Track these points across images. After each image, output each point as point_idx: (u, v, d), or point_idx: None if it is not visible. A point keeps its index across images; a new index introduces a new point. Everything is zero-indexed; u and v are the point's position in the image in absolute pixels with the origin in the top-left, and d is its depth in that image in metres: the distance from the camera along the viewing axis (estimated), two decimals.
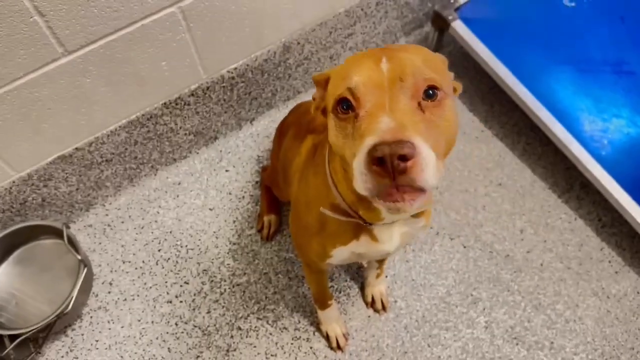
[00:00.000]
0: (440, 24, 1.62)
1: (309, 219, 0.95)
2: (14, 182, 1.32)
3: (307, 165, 0.99)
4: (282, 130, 1.32)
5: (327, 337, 1.34)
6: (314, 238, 0.95)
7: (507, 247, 1.46)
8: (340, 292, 1.40)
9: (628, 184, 1.40)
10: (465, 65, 1.74)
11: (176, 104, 1.42)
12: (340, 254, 0.95)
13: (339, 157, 0.71)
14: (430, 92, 0.64)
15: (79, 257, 1.32)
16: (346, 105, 0.65)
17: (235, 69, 1.44)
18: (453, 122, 0.66)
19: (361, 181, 0.59)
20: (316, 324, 1.37)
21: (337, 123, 0.67)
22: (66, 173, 1.39)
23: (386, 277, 1.42)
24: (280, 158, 1.25)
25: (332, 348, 1.33)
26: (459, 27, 1.58)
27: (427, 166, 0.57)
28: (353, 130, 0.64)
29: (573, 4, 1.63)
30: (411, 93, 0.63)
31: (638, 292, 1.41)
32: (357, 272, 1.43)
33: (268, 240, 1.47)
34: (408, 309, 1.38)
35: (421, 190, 0.58)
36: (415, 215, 0.90)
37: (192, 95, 1.43)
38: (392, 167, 0.56)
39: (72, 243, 1.35)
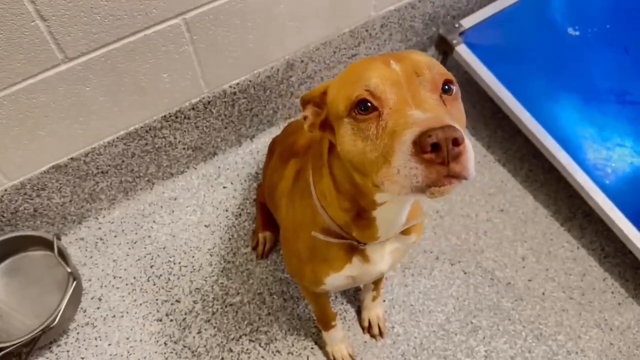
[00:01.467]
0: (445, 48, 1.62)
1: (298, 246, 0.93)
2: (5, 190, 1.29)
3: (293, 190, 0.98)
4: (271, 148, 1.32)
5: (333, 359, 1.29)
6: (306, 265, 0.93)
7: (508, 274, 1.43)
8: (338, 319, 1.36)
9: (632, 214, 1.37)
10: (468, 90, 1.74)
11: (176, 117, 1.40)
12: (334, 281, 0.93)
13: (352, 166, 0.67)
14: (447, 87, 0.63)
15: (69, 270, 1.28)
16: (365, 107, 0.62)
17: (238, 84, 1.43)
18: (464, 114, 0.66)
19: (407, 175, 0.55)
20: (310, 348, 1.32)
21: (355, 126, 0.63)
22: (60, 183, 1.36)
23: (384, 301, 1.38)
24: (267, 177, 1.23)
25: None
26: (463, 51, 1.58)
27: (471, 153, 0.56)
28: (378, 130, 0.61)
29: (577, 33, 1.63)
30: (431, 87, 0.61)
31: None
32: (354, 296, 1.39)
33: (263, 258, 1.44)
34: (406, 336, 1.33)
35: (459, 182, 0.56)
36: (406, 232, 0.90)
37: (193, 109, 1.41)
38: (447, 152, 0.53)
39: (63, 255, 1.32)
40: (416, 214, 0.88)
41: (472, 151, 0.56)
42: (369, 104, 0.61)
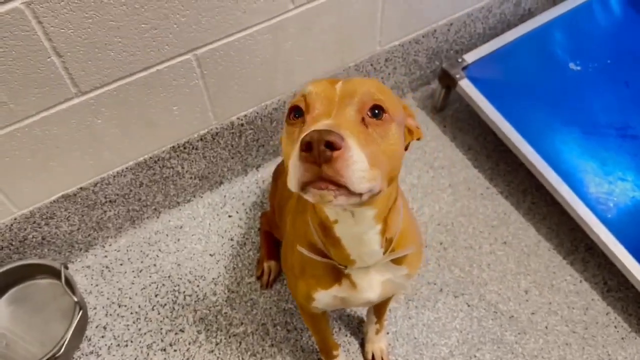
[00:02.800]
0: (448, 81, 1.65)
1: (293, 260, 0.95)
2: (15, 219, 1.31)
3: (296, 208, 1.00)
4: (276, 174, 1.34)
5: None
6: (298, 280, 0.95)
7: (511, 307, 1.43)
8: (340, 348, 1.36)
9: (634, 248, 1.38)
10: (470, 123, 1.76)
11: (184, 148, 1.43)
12: (323, 298, 0.93)
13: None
14: (376, 111, 0.65)
15: (75, 299, 1.29)
16: (297, 114, 0.67)
17: (245, 116, 1.46)
18: (396, 145, 0.67)
19: (293, 173, 0.60)
20: None
21: (287, 130, 0.69)
22: (69, 212, 1.38)
23: (387, 333, 1.38)
24: (277, 197, 1.25)
25: None
26: (466, 85, 1.61)
27: (355, 164, 0.57)
28: (300, 135, 0.64)
29: (579, 68, 1.66)
30: (357, 107, 0.64)
31: None
32: (357, 328, 1.40)
33: (267, 288, 1.45)
34: None
35: (347, 189, 0.58)
36: (396, 262, 0.89)
37: (201, 140, 1.44)
38: (318, 152, 0.56)
39: (69, 284, 1.33)
40: (405, 243, 0.88)
41: (359, 162, 0.57)
42: (301, 111, 0.66)
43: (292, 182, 0.60)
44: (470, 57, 1.65)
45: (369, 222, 0.76)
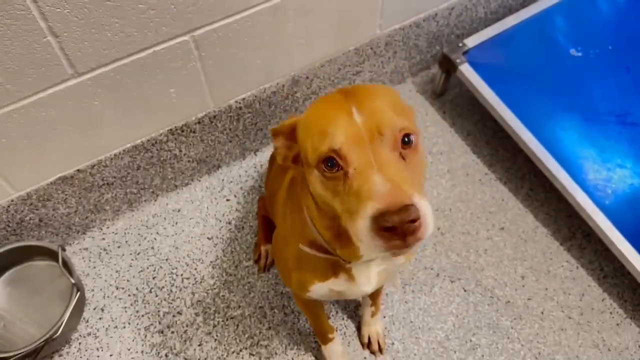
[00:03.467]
0: (448, 66, 1.64)
1: (287, 254, 0.96)
2: (12, 200, 1.31)
3: (287, 199, 1.00)
4: (272, 159, 1.34)
5: None
6: (292, 273, 0.95)
7: (508, 293, 1.44)
8: (336, 331, 1.37)
9: (631, 235, 1.38)
10: (470, 109, 1.75)
11: (182, 131, 1.42)
12: (319, 290, 0.94)
13: (324, 206, 0.72)
14: (406, 139, 0.66)
15: (73, 281, 1.29)
16: (331, 164, 0.66)
17: (244, 99, 1.45)
18: (424, 157, 0.71)
19: (368, 242, 0.61)
20: None
21: (324, 180, 0.68)
22: (66, 194, 1.37)
23: (384, 317, 1.39)
24: (268, 187, 1.27)
25: None
26: (466, 70, 1.59)
27: (428, 218, 0.61)
28: (345, 188, 0.65)
29: (580, 54, 1.65)
30: (391, 145, 0.65)
31: (639, 346, 1.38)
32: (354, 311, 1.40)
33: (265, 271, 1.45)
34: (405, 352, 1.34)
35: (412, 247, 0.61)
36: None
37: (199, 123, 1.43)
38: (402, 231, 0.59)
39: (67, 266, 1.33)
40: None
41: (430, 215, 0.61)
42: (335, 161, 0.66)
43: (365, 249, 0.63)
44: (471, 42, 1.63)
45: None
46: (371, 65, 1.64)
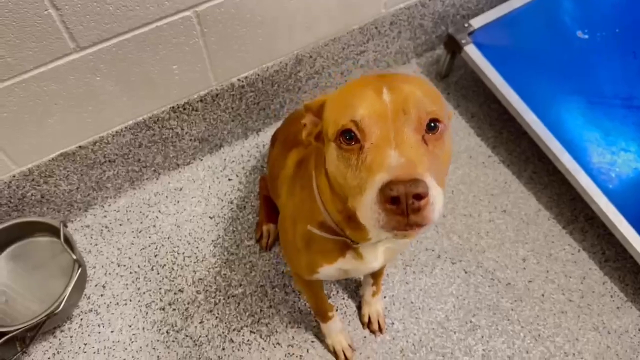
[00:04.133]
0: (453, 47, 1.62)
1: (295, 236, 0.95)
2: (14, 176, 1.30)
3: (294, 180, 1.00)
4: (274, 138, 1.34)
5: (333, 352, 1.31)
6: (300, 254, 0.95)
7: (508, 275, 1.44)
8: (336, 310, 1.37)
9: (634, 219, 1.38)
10: (475, 90, 1.74)
11: (184, 109, 1.41)
12: (327, 271, 0.95)
13: (336, 185, 0.71)
14: (432, 125, 0.65)
15: (74, 257, 1.29)
16: (349, 136, 0.65)
17: (246, 77, 1.44)
18: (450, 153, 0.68)
19: (371, 216, 0.60)
20: (310, 341, 1.34)
21: (339, 153, 0.67)
22: (68, 171, 1.37)
23: (384, 297, 1.39)
24: (270, 166, 1.26)
25: None
26: (471, 51, 1.58)
27: (437, 204, 0.59)
28: (358, 162, 0.64)
29: (586, 36, 1.63)
30: (415, 126, 0.63)
31: (639, 329, 1.38)
32: (355, 291, 1.40)
33: (267, 250, 1.45)
34: (405, 332, 1.35)
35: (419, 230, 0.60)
36: None
37: (201, 101, 1.42)
38: (406, 206, 0.57)
39: (68, 242, 1.33)
40: None
41: (439, 200, 0.59)
42: (354, 135, 0.64)
43: (369, 222, 0.61)
44: (476, 22, 1.62)
45: None
46: (375, 45, 1.62)
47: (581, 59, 1.60)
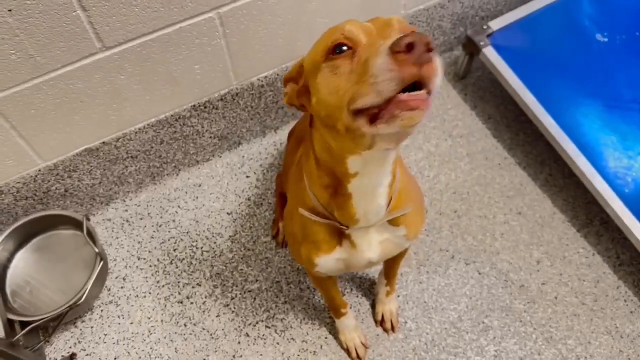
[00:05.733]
0: (471, 48, 1.63)
1: (294, 227, 0.97)
2: (39, 170, 1.34)
3: (294, 174, 1.01)
4: (289, 136, 1.36)
5: (346, 348, 1.33)
6: (300, 246, 0.97)
7: (522, 277, 1.45)
8: (350, 308, 1.40)
9: None
10: (492, 92, 1.75)
11: (205, 107, 1.44)
12: (325, 263, 0.95)
13: (326, 117, 0.68)
14: None
15: (97, 250, 1.33)
16: (340, 50, 0.63)
17: (266, 77, 1.46)
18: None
19: (381, 81, 0.56)
20: (324, 337, 1.36)
21: (331, 66, 0.65)
22: (91, 166, 1.41)
23: (398, 296, 1.41)
24: (284, 161, 1.28)
25: (352, 359, 1.33)
26: (489, 53, 1.58)
27: (439, 69, 0.56)
28: (352, 65, 0.62)
29: (606, 39, 1.63)
30: (400, 33, 0.61)
31: None
32: (369, 289, 1.43)
33: (282, 246, 1.48)
34: (417, 331, 1.37)
35: (428, 96, 0.57)
36: (394, 223, 0.91)
37: (221, 100, 1.45)
38: (420, 53, 0.54)
39: (91, 235, 1.37)
40: (403, 202, 0.89)
41: (440, 64, 0.57)
42: (344, 47, 0.63)
43: (377, 91, 0.57)
44: (495, 24, 1.62)
45: (387, 170, 0.77)
46: None
47: (600, 63, 1.60)
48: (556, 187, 1.58)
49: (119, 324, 1.40)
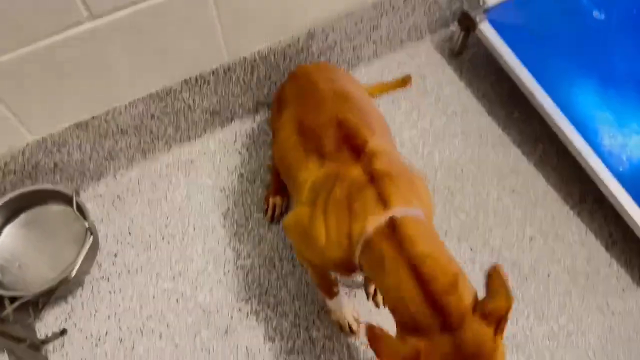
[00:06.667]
0: (467, 24, 1.60)
1: (316, 231, 0.98)
2: (28, 144, 1.32)
3: (316, 186, 1.01)
4: (280, 99, 1.30)
5: (339, 326, 1.33)
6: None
7: (515, 254, 1.45)
8: (341, 282, 1.40)
9: None
10: (487, 70, 1.73)
11: (196, 82, 1.42)
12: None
13: None
14: None
15: (87, 224, 1.32)
16: None
17: (258, 51, 1.44)
18: None
19: None
20: (316, 312, 1.36)
21: None
22: (81, 140, 1.38)
23: None
24: (278, 140, 1.21)
25: (346, 335, 1.33)
26: (486, 29, 1.57)
27: None
28: None
29: (602, 17, 1.61)
30: None
31: None
32: None
33: (272, 221, 1.47)
34: None
35: None
36: None
37: (213, 74, 1.42)
38: None
39: (81, 210, 1.35)
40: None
41: None
42: None
43: None
44: (492, 0, 1.60)
45: None
46: (389, 20, 1.61)
47: (596, 40, 1.59)
48: (550, 165, 1.58)
49: (110, 299, 1.39)
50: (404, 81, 1.63)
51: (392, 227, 0.85)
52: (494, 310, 0.76)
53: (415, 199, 0.92)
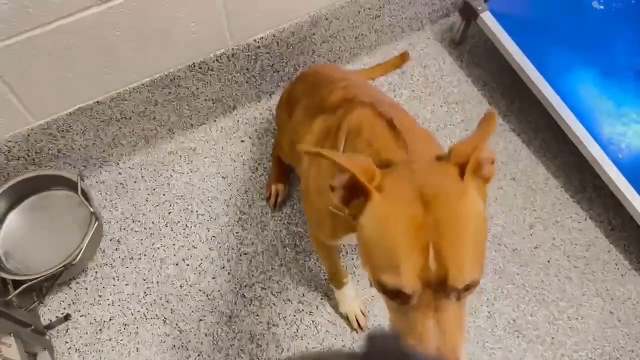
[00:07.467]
0: (469, 14, 1.61)
1: (320, 205, 0.96)
2: (32, 129, 1.32)
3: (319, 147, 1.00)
4: (290, 97, 1.32)
5: (346, 318, 1.34)
6: (325, 222, 0.96)
7: (515, 241, 1.46)
8: (346, 269, 1.40)
9: None
10: (488, 59, 1.74)
11: (200, 68, 1.42)
12: (351, 238, 0.95)
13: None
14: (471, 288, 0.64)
15: (91, 210, 1.32)
16: (395, 295, 0.65)
17: (262, 38, 1.44)
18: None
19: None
20: (319, 299, 1.37)
21: (388, 301, 0.68)
22: (85, 126, 1.39)
23: None
24: (288, 129, 1.26)
25: (353, 329, 1.34)
26: (487, 18, 1.58)
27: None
28: (406, 314, 0.65)
29: (602, 7, 1.63)
30: (456, 296, 0.63)
31: None
32: None
33: (275, 209, 1.48)
34: None
35: None
36: None
37: (217, 61, 1.43)
38: None
39: (85, 195, 1.35)
40: None
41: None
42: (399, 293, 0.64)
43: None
44: None
45: None
46: (390, 10, 1.62)
47: (596, 30, 1.60)
48: (550, 154, 1.59)
49: (114, 285, 1.39)
50: (402, 58, 1.64)
51: (376, 110, 0.88)
52: (461, 149, 0.69)
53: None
